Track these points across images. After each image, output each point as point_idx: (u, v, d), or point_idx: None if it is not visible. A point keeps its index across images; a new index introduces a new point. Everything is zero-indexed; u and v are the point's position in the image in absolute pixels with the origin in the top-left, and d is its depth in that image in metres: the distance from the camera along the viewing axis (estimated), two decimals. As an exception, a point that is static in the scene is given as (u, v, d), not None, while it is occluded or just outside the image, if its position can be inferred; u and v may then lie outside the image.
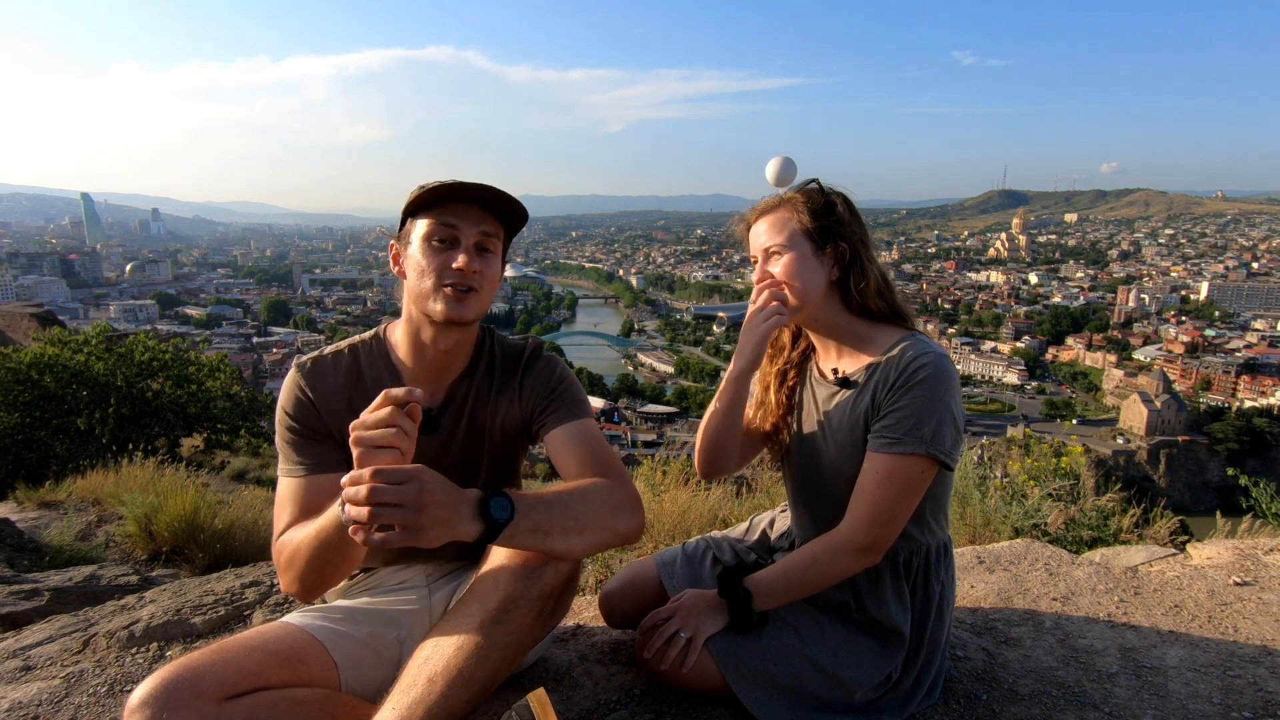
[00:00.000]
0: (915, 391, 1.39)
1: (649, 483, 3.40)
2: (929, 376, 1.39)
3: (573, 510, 1.26)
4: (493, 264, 1.39)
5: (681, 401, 70.51)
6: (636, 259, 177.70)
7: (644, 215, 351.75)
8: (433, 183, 1.33)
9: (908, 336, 1.49)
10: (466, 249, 1.34)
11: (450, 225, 1.34)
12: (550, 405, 1.50)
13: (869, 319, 1.55)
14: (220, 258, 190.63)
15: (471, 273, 1.34)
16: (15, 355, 7.69)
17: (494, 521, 1.13)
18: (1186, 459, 58.50)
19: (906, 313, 1.56)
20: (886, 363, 1.46)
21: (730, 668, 1.46)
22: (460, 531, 1.10)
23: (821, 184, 1.56)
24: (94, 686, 1.78)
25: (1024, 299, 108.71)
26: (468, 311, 1.36)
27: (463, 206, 1.35)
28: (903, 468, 1.40)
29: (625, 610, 1.77)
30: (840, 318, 1.56)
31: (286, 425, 1.40)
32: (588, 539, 1.28)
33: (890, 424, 1.41)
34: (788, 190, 1.57)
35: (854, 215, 1.55)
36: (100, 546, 4.04)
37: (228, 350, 40.40)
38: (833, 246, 1.51)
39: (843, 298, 1.54)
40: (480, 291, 1.37)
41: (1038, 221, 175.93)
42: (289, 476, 1.39)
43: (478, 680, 1.19)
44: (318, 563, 1.25)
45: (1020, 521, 3.04)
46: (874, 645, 1.51)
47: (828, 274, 1.53)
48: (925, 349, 1.44)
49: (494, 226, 1.39)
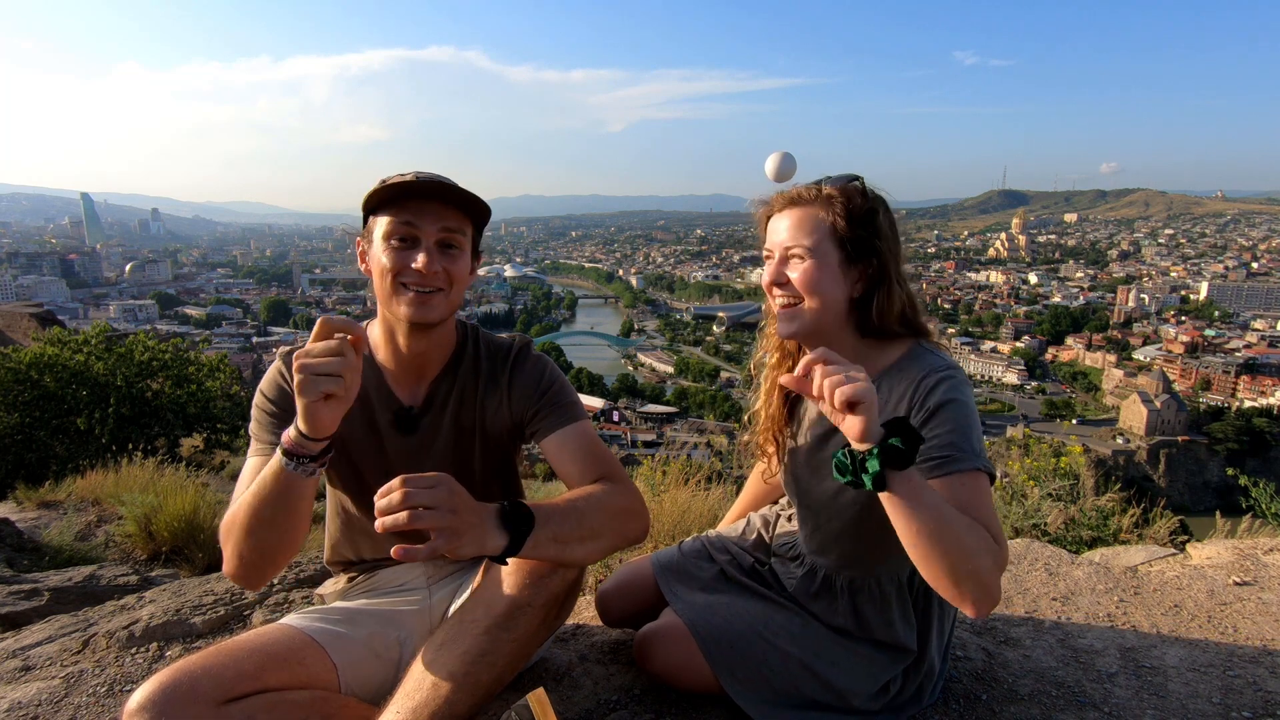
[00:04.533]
0: (949, 411, 1.26)
1: (649, 483, 3.39)
2: (954, 390, 1.27)
3: (587, 519, 1.26)
4: (459, 261, 1.33)
5: (681, 401, 70.43)
6: (636, 259, 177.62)
7: (644, 215, 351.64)
8: (392, 177, 1.28)
9: (914, 349, 1.38)
10: (427, 248, 1.28)
11: (409, 223, 1.28)
12: (542, 409, 1.46)
13: (878, 338, 1.40)
14: (220, 258, 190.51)
15: (433, 273, 1.29)
16: (15, 355, 7.68)
17: (518, 532, 1.13)
18: (1186, 459, 58.46)
19: (925, 330, 1.42)
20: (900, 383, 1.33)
21: (724, 673, 1.45)
22: (488, 543, 1.10)
23: (865, 184, 1.37)
24: (93, 686, 1.78)
25: (1024, 299, 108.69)
26: (431, 313, 1.31)
27: (422, 202, 1.29)
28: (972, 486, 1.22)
29: (622, 610, 1.77)
30: (848, 339, 1.40)
31: (263, 407, 1.39)
32: (601, 545, 1.29)
33: (940, 445, 1.25)
34: (826, 183, 1.38)
35: (893, 227, 1.38)
36: (100, 546, 4.04)
37: (228, 350, 40.40)
38: (863, 261, 1.34)
39: (858, 319, 1.39)
40: (447, 291, 1.32)
41: (1038, 221, 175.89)
42: (256, 455, 1.37)
43: (482, 685, 1.19)
44: (253, 523, 1.19)
45: (1020, 521, 3.04)
46: (874, 655, 1.48)
47: (850, 290, 1.36)
48: (937, 366, 1.31)
49: (458, 221, 1.32)
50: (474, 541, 1.07)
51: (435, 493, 1.03)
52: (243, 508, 1.21)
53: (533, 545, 1.16)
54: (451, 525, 1.03)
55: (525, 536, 1.14)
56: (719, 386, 77.91)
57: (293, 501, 1.19)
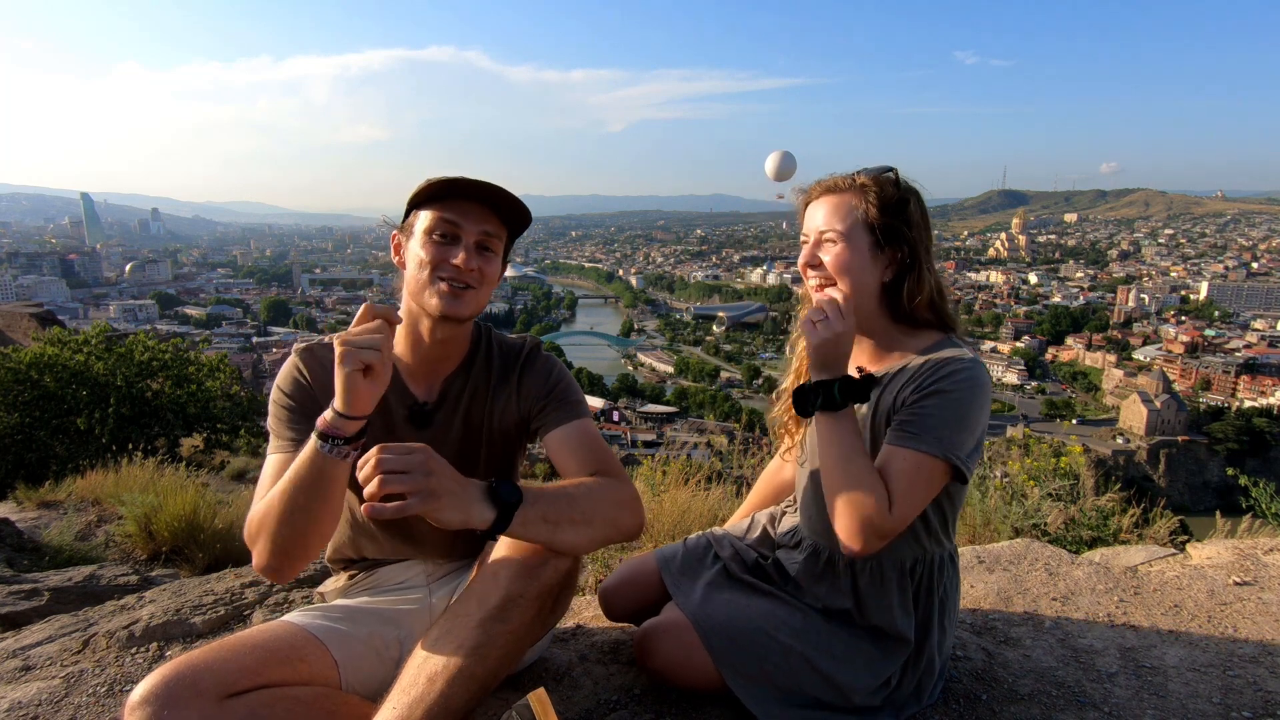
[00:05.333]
0: (945, 395, 1.33)
1: (649, 483, 3.40)
2: (961, 383, 1.33)
3: (579, 504, 1.27)
4: (492, 263, 1.39)
5: (681, 401, 70.45)
6: (636, 259, 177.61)
7: (644, 215, 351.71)
8: (439, 176, 1.33)
9: (945, 340, 1.43)
10: (467, 246, 1.34)
11: (452, 221, 1.35)
12: (548, 405, 1.50)
13: (910, 324, 1.47)
14: (220, 258, 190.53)
15: (470, 270, 1.34)
16: (15, 355, 7.68)
17: (505, 504, 1.15)
18: (1186, 459, 58.47)
19: (954, 322, 1.48)
20: (920, 363, 1.39)
21: (727, 668, 1.46)
22: (474, 515, 1.12)
23: (898, 175, 1.45)
24: (94, 686, 1.78)
25: (1024, 299, 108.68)
26: (463, 308, 1.36)
27: (467, 204, 1.36)
28: (914, 461, 1.32)
29: (625, 605, 1.77)
30: (879, 323, 1.48)
31: (281, 403, 1.40)
32: (593, 533, 1.29)
33: (910, 420, 1.35)
34: (861, 173, 1.46)
35: (924, 217, 1.45)
36: (100, 546, 4.04)
37: (228, 350, 40.45)
38: (894, 248, 1.42)
39: (890, 303, 1.45)
40: (478, 290, 1.38)
41: (1038, 221, 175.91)
42: (277, 453, 1.38)
43: (477, 679, 1.19)
44: (288, 512, 1.21)
45: (1020, 521, 3.04)
46: (874, 649, 1.50)
47: (880, 274, 1.43)
48: (959, 353, 1.37)
49: (497, 227, 1.39)
50: (456, 507, 1.09)
51: (409, 459, 1.06)
52: (276, 495, 1.23)
53: (521, 522, 1.17)
54: (427, 486, 1.06)
55: (514, 511, 1.15)
56: (719, 386, 77.97)
57: (326, 487, 1.21)
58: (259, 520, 1.26)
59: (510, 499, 1.16)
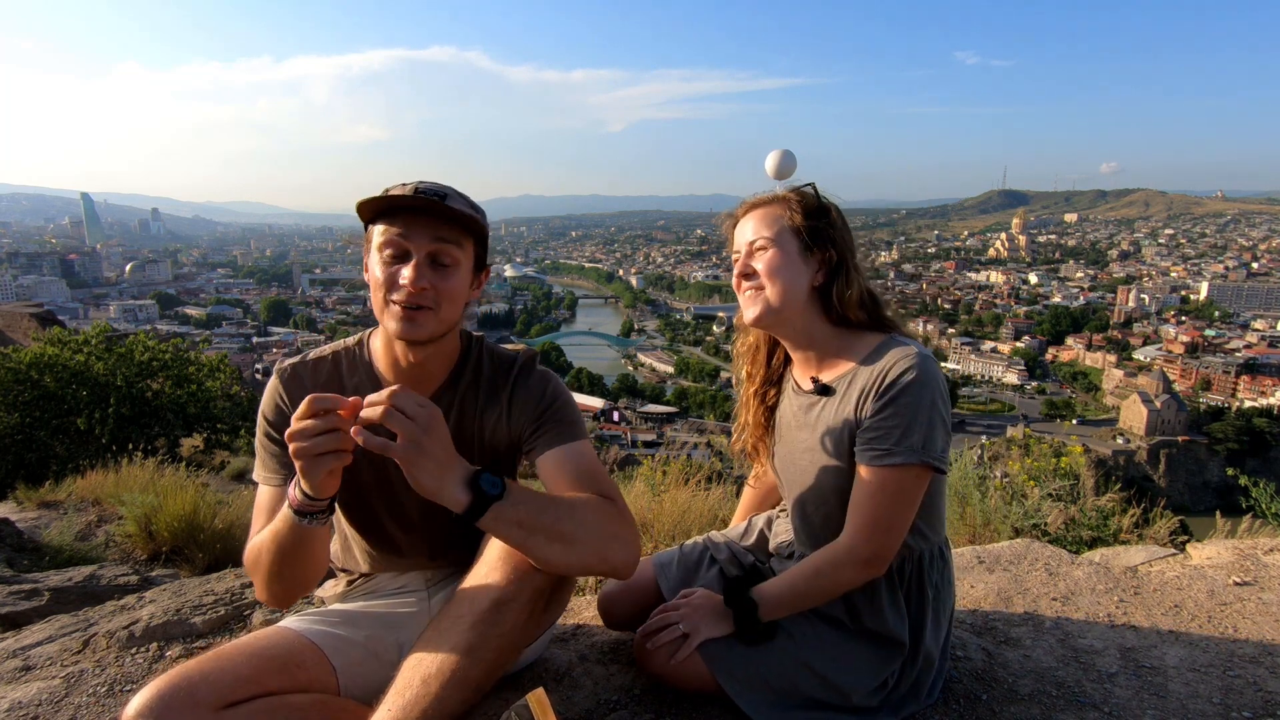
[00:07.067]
0: (901, 400, 1.36)
1: (649, 483, 3.39)
2: (912, 382, 1.36)
3: (565, 520, 1.19)
4: (451, 277, 1.27)
5: (681, 401, 70.46)
6: (636, 259, 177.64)
7: (644, 215, 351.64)
8: (393, 188, 1.24)
9: (886, 340, 1.46)
10: (417, 263, 1.23)
11: (401, 236, 1.23)
12: (541, 426, 1.41)
13: (848, 328, 1.52)
14: (220, 258, 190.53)
15: (419, 290, 1.23)
16: (15, 355, 7.69)
17: (482, 495, 1.11)
18: (1186, 459, 58.47)
19: (894, 323, 1.52)
20: (868, 370, 1.42)
21: (723, 671, 1.46)
22: (447, 491, 1.09)
23: (817, 188, 1.53)
24: (94, 686, 1.78)
25: (1024, 299, 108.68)
26: (419, 331, 1.26)
27: (413, 214, 1.24)
28: (895, 478, 1.37)
29: (624, 612, 1.77)
30: (818, 326, 1.52)
31: (265, 432, 1.40)
32: (573, 556, 1.20)
33: (878, 435, 1.38)
34: (782, 189, 1.54)
35: (845, 226, 1.53)
36: (100, 546, 4.04)
37: (228, 350, 40.45)
38: (820, 250, 1.48)
39: (823, 306, 1.51)
40: (435, 309, 1.26)
41: (1038, 221, 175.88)
42: (265, 484, 1.38)
43: (471, 680, 1.19)
44: (277, 567, 1.25)
45: (1020, 521, 3.04)
46: (871, 651, 1.50)
47: (811, 278, 1.49)
48: (905, 352, 1.39)
49: (453, 233, 1.26)
50: (433, 475, 1.08)
51: (419, 409, 1.07)
52: (264, 553, 1.25)
53: (494, 516, 1.12)
54: (418, 440, 1.05)
55: (490, 503, 1.11)
56: (719, 386, 77.88)
57: (310, 545, 1.23)
58: (253, 561, 1.28)
59: (490, 491, 1.11)
